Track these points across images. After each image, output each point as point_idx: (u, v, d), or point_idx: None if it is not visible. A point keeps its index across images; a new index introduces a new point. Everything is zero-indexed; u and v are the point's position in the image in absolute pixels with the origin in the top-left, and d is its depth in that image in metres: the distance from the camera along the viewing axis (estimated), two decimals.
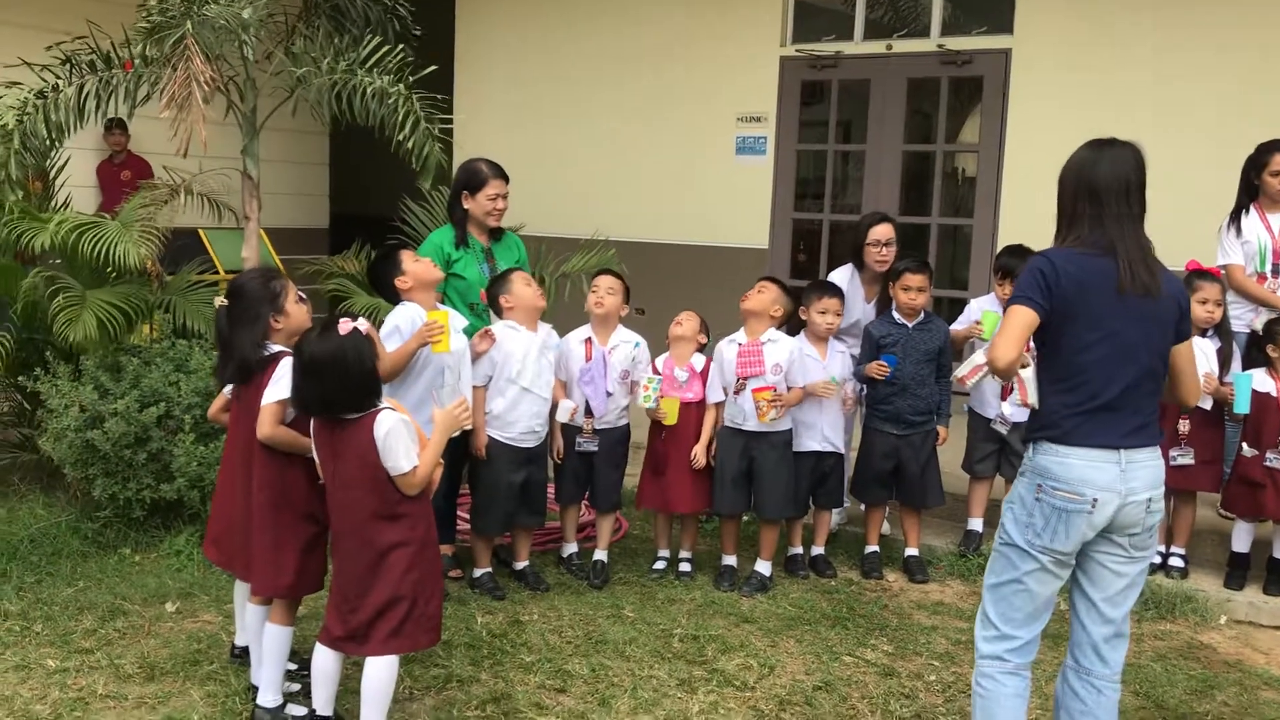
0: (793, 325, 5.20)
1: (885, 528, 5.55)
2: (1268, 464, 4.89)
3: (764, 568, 5.10)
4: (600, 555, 5.16)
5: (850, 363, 5.30)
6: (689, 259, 8.54)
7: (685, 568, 5.20)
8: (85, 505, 5.32)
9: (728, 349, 5.05)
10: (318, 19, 6.43)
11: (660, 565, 5.25)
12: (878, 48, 8.04)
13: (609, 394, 5.03)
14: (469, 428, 4.44)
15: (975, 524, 5.53)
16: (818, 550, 5.37)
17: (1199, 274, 4.97)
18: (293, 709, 3.66)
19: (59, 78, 5.67)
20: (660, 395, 4.93)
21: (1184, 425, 4.97)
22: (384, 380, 3.85)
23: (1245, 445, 4.97)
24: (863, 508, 5.48)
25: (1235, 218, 5.52)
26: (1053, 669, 3.84)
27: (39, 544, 5.03)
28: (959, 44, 7.70)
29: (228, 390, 3.78)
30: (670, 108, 8.70)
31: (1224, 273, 5.30)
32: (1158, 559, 5.12)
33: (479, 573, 4.92)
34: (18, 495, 5.65)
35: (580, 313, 5.23)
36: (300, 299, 3.71)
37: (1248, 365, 5.05)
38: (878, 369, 5.12)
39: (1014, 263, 5.14)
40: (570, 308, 6.19)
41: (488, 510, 4.87)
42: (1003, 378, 3.11)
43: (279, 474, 3.55)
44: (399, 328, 4.42)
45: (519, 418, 4.79)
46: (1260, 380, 4.91)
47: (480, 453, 4.78)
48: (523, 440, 4.82)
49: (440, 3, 9.15)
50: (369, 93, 5.74)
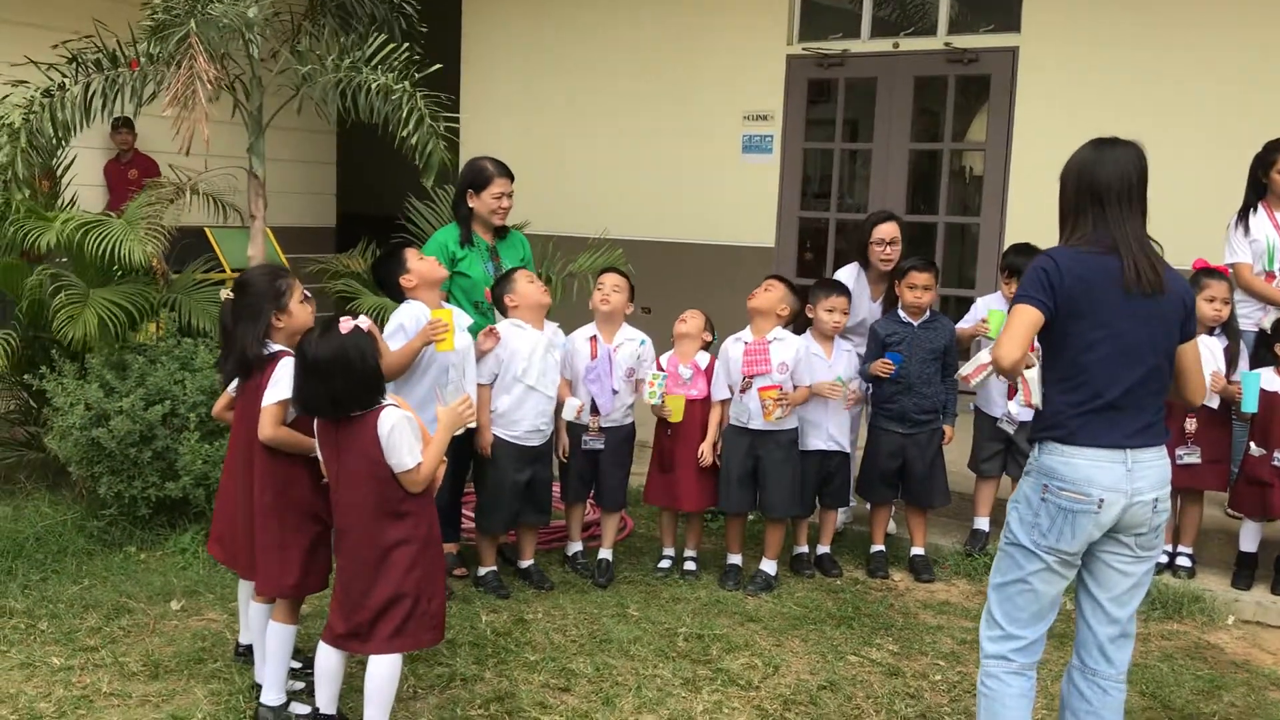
0: (799, 324, 5.19)
1: (891, 527, 5.54)
2: (1276, 463, 4.87)
3: (769, 567, 5.09)
4: (605, 554, 5.15)
5: (856, 361, 5.28)
6: (696, 258, 8.53)
7: (690, 567, 5.20)
8: (90, 503, 5.33)
9: (734, 347, 5.04)
10: (324, 17, 6.42)
11: (665, 564, 5.24)
12: (884, 46, 8.03)
13: (615, 392, 5.03)
14: (473, 425, 4.45)
15: (981, 523, 5.51)
16: (823, 549, 5.36)
17: (1206, 272, 4.96)
18: (296, 707, 3.66)
19: (65, 76, 5.67)
20: (665, 392, 4.93)
21: (1191, 424, 4.95)
22: (388, 378, 3.85)
23: (1253, 444, 4.95)
24: (868, 507, 5.47)
25: (1243, 216, 5.51)
26: (1058, 669, 3.82)
27: (44, 542, 5.04)
28: (966, 42, 7.68)
29: (232, 388, 3.78)
30: (677, 106, 8.69)
31: (1232, 271, 5.27)
32: (1164, 558, 5.11)
33: (484, 571, 4.92)
34: (24, 493, 5.66)
35: (587, 312, 5.23)
36: (306, 298, 3.70)
37: (1255, 364, 5.03)
38: (883, 367, 5.11)
39: (1021, 261, 5.10)
40: (577, 307, 6.18)
41: (493, 509, 4.87)
42: (1007, 377, 3.09)
43: (281, 474, 3.55)
44: (403, 326, 4.41)
45: (524, 416, 4.79)
46: (1268, 379, 4.89)
47: (486, 451, 4.78)
48: (528, 439, 4.81)
49: (446, 1, 9.15)
50: (373, 89, 5.74)
